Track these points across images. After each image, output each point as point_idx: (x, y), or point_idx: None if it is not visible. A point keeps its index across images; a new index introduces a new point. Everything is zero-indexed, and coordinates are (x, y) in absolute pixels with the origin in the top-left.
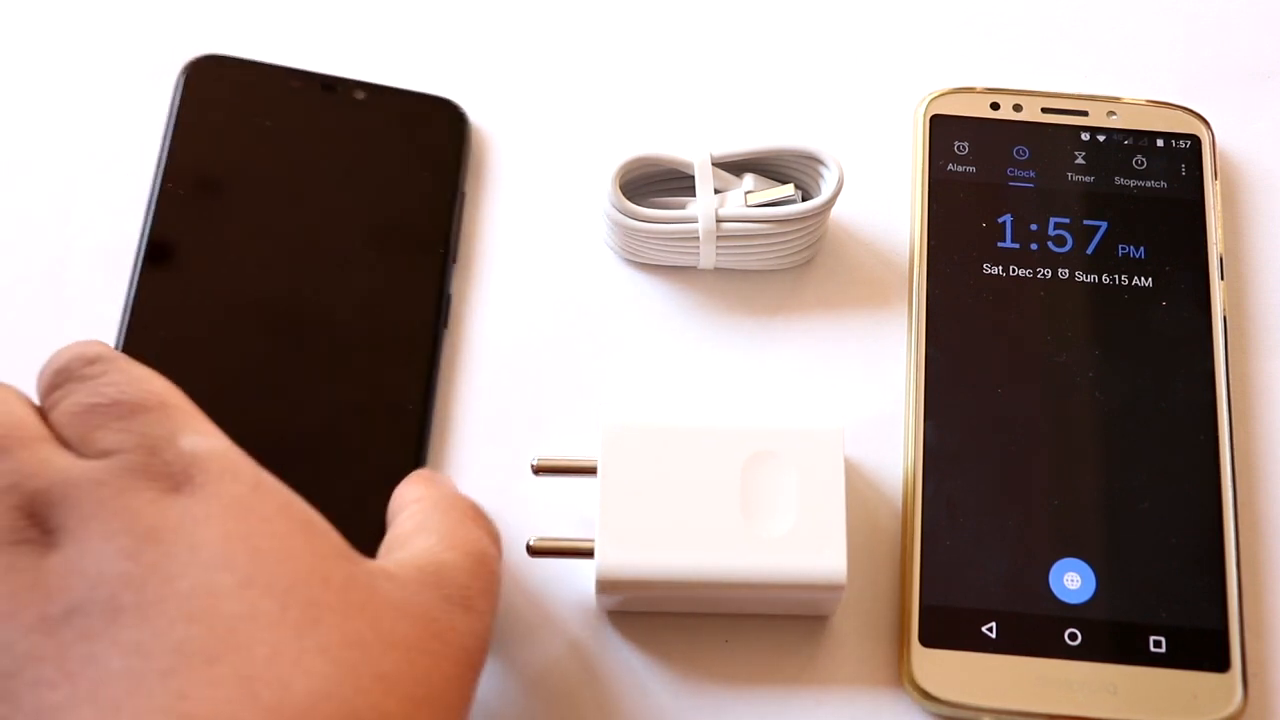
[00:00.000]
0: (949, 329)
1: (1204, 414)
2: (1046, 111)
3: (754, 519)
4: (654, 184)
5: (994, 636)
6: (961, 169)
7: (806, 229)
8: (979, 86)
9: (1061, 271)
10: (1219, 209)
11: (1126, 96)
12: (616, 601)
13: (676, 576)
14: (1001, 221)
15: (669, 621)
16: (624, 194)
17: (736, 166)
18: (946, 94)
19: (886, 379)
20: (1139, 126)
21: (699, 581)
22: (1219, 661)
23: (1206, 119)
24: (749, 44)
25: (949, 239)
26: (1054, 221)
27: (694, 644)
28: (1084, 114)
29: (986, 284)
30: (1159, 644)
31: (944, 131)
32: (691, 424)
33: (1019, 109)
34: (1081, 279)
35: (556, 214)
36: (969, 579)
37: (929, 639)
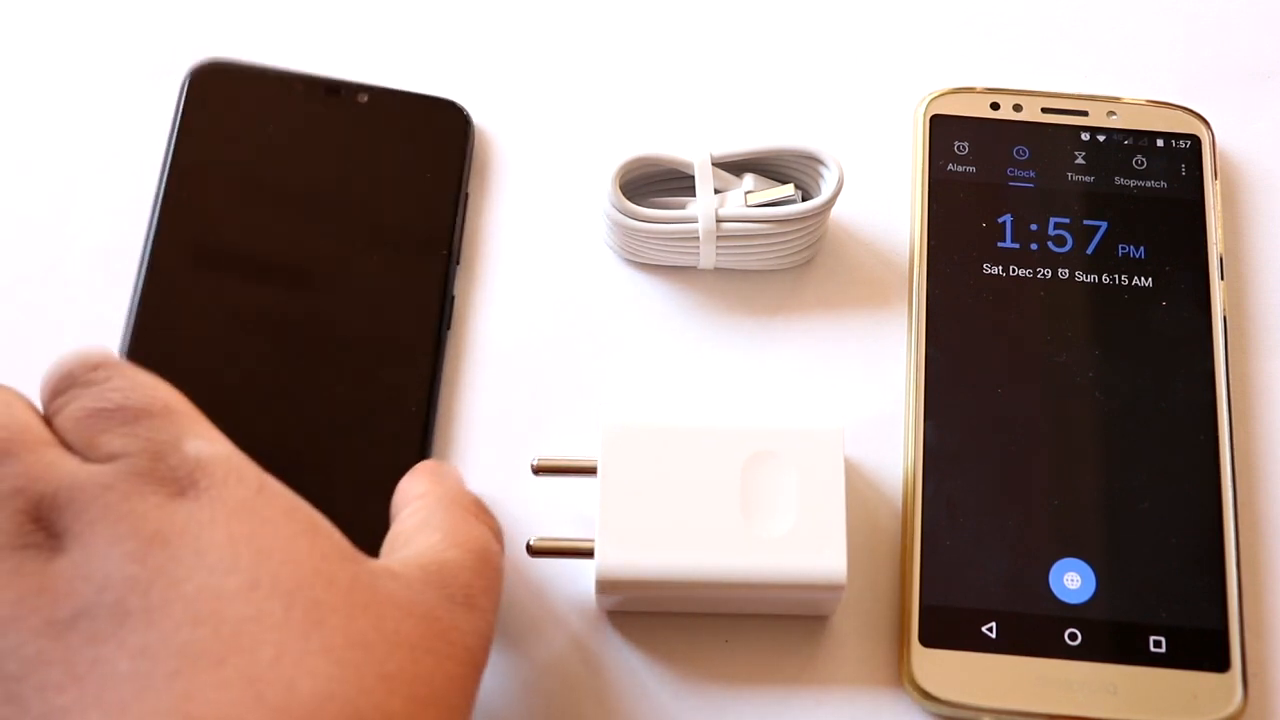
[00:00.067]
0: (949, 329)
1: (1204, 414)
2: (1046, 111)
3: (754, 519)
4: (654, 184)
5: (994, 636)
6: (961, 169)
7: (806, 229)
8: (979, 86)
9: (1061, 271)
10: (1219, 209)
11: (1126, 96)
12: (616, 601)
13: (676, 576)
14: (1001, 221)
15: (669, 621)
16: (624, 194)
17: (736, 166)
18: (946, 94)
19: (886, 379)
20: (1139, 126)
21: (699, 581)
22: (1219, 661)
23: (1206, 119)
24: (749, 44)
25: (949, 239)
26: (1054, 221)
27: (694, 644)
28: (1084, 114)
29: (986, 284)
30: (1159, 644)
31: (944, 131)
32: (691, 424)
33: (1019, 109)
34: (1081, 279)
35: (557, 214)
36: (969, 579)
37: (929, 639)
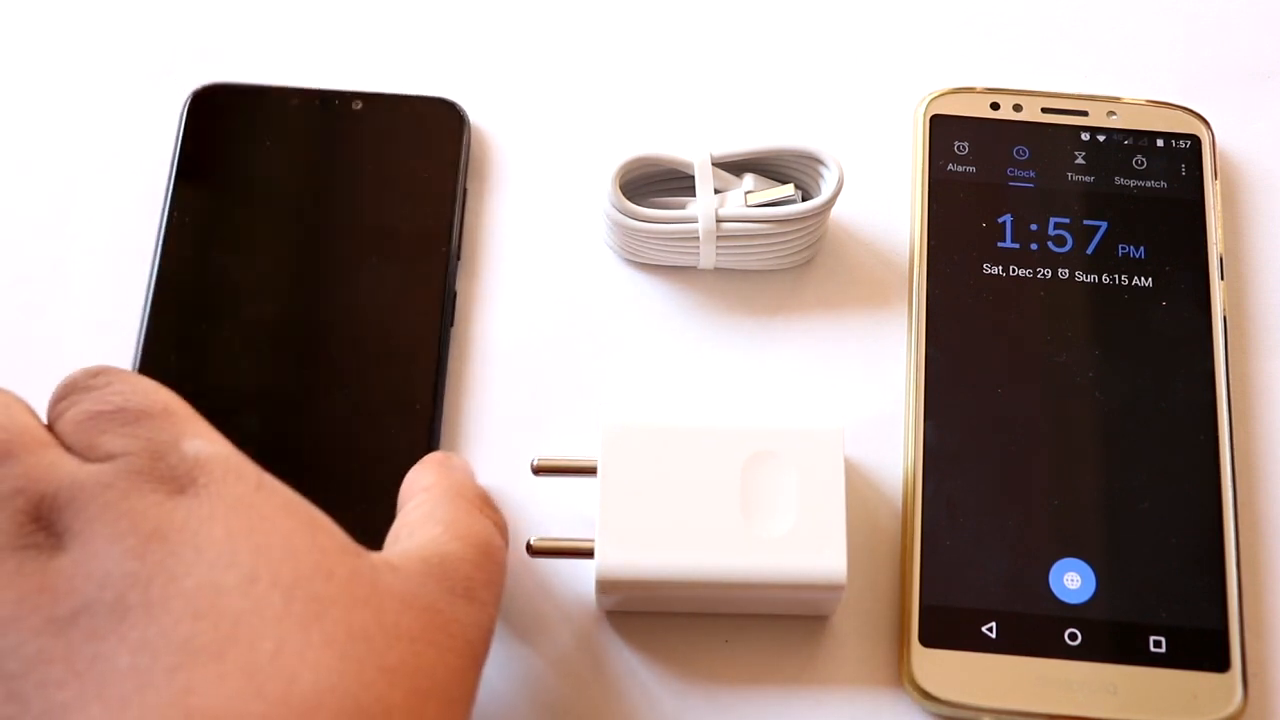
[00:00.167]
0: (949, 329)
1: (1204, 414)
2: (1046, 111)
3: (754, 519)
4: (654, 184)
5: (994, 636)
6: (961, 169)
7: (806, 229)
8: (979, 86)
9: (1061, 271)
10: (1219, 209)
11: (1126, 96)
12: (616, 601)
13: (676, 576)
14: (1001, 221)
15: (669, 621)
16: (624, 194)
17: (736, 166)
18: (946, 94)
19: (886, 379)
20: (1139, 126)
21: (699, 581)
22: (1219, 661)
23: (1206, 119)
24: (749, 44)
25: (949, 239)
26: (1054, 221)
27: (694, 644)
28: (1084, 114)
29: (986, 284)
30: (1159, 644)
31: (944, 131)
32: (691, 424)
33: (1019, 109)
34: (1081, 279)
35: (557, 214)
36: (969, 579)
37: (929, 639)
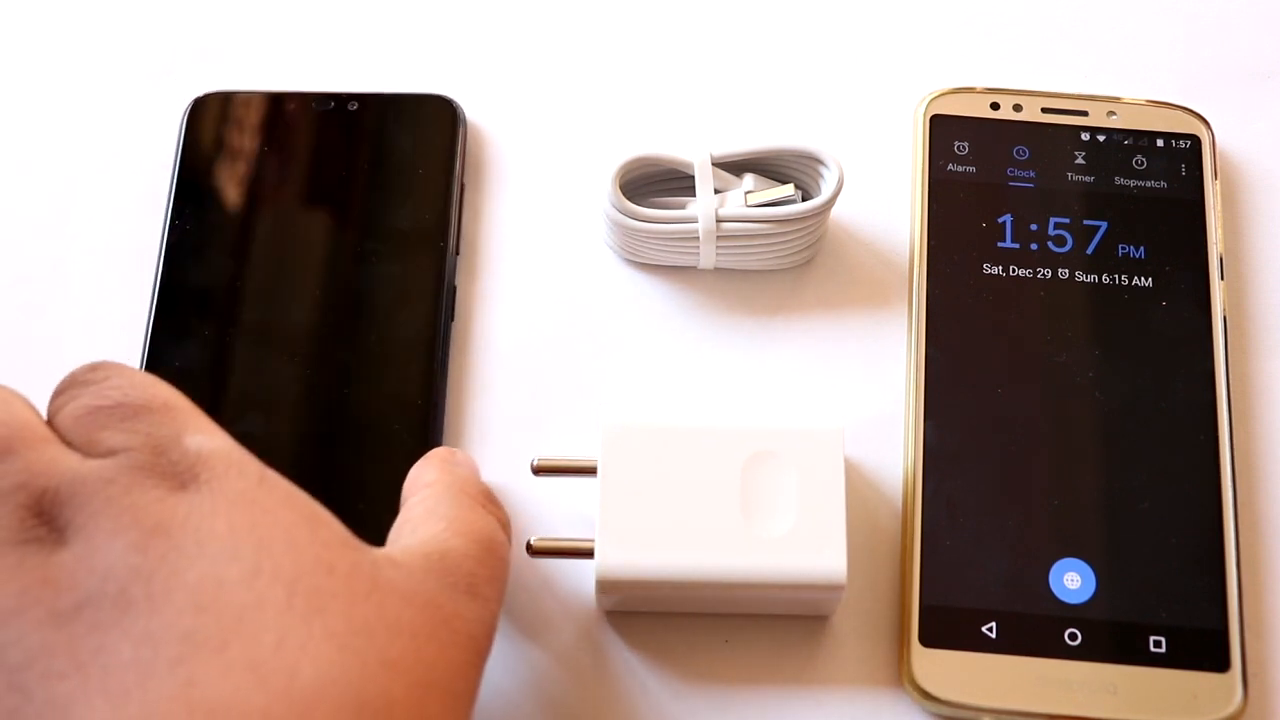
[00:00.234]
0: (949, 329)
1: (1204, 414)
2: (1046, 111)
3: (754, 519)
4: (654, 184)
5: (994, 636)
6: (961, 169)
7: (806, 229)
8: (979, 86)
9: (1061, 271)
10: (1219, 209)
11: (1126, 96)
12: (616, 601)
13: (676, 576)
14: (1001, 221)
15: (669, 621)
16: (624, 194)
17: (736, 166)
18: (946, 94)
19: (886, 379)
20: (1139, 126)
21: (699, 581)
22: (1219, 661)
23: (1206, 119)
24: (749, 44)
25: (949, 239)
26: (1054, 221)
27: (694, 644)
28: (1084, 114)
29: (986, 284)
30: (1159, 644)
31: (944, 131)
32: (691, 424)
33: (1019, 109)
34: (1081, 279)
35: (557, 214)
36: (969, 579)
37: (929, 639)
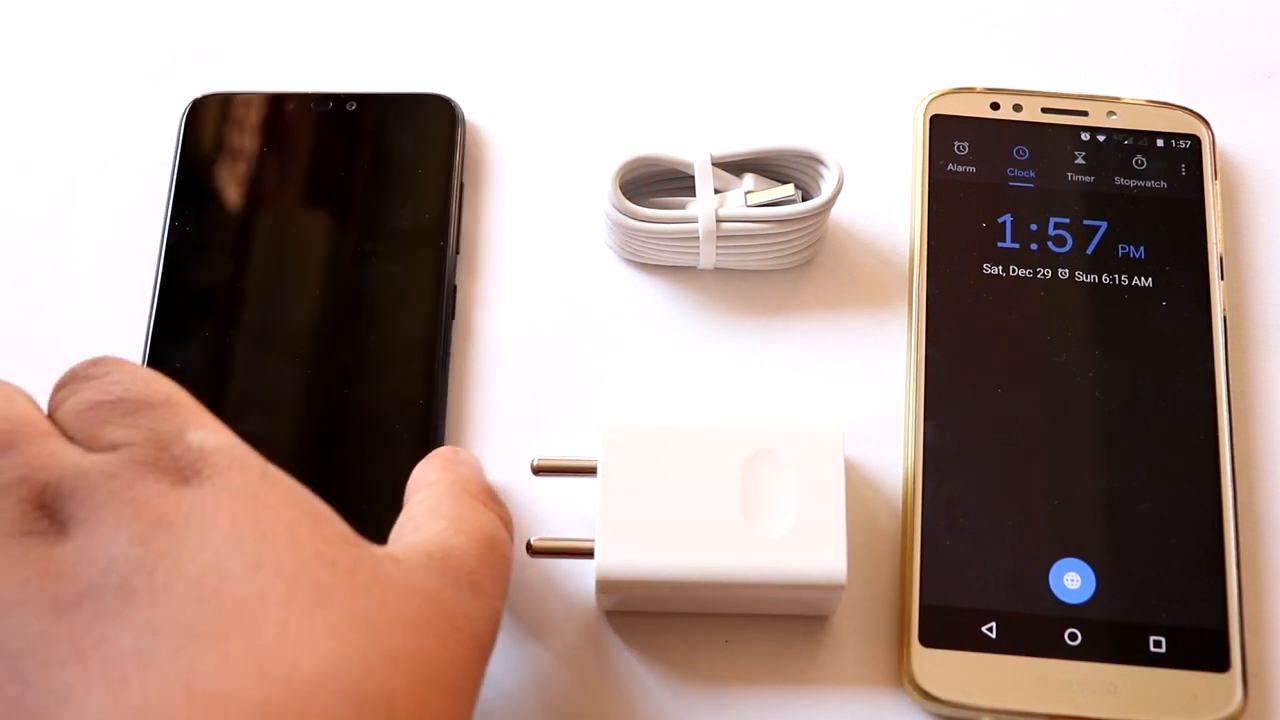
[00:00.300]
0: (949, 329)
1: (1204, 414)
2: (1046, 111)
3: (754, 519)
4: (654, 184)
5: (994, 636)
6: (961, 169)
7: (806, 229)
8: (979, 86)
9: (1061, 271)
10: (1219, 209)
11: (1126, 96)
12: (616, 601)
13: (676, 576)
14: (1001, 221)
15: (669, 621)
16: (624, 194)
17: (736, 166)
18: (946, 94)
19: (886, 379)
20: (1139, 126)
21: (699, 581)
22: (1219, 661)
23: (1206, 119)
24: (749, 44)
25: (949, 239)
26: (1054, 221)
27: (694, 644)
28: (1084, 114)
29: (986, 284)
30: (1159, 644)
31: (944, 131)
32: (691, 424)
33: (1019, 109)
34: (1081, 279)
35: (556, 214)
36: (969, 579)
37: (929, 639)
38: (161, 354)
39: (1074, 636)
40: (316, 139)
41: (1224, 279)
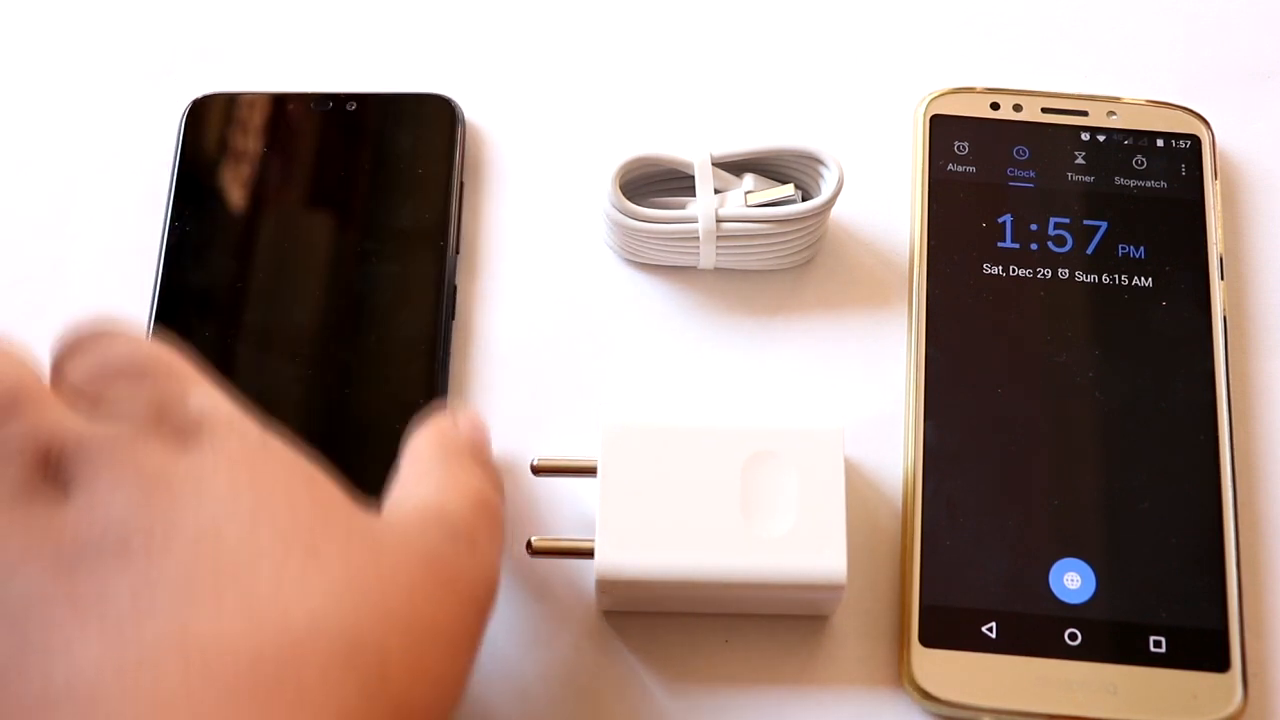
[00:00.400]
0: (949, 329)
1: (1204, 414)
2: (1046, 111)
3: (754, 519)
4: (654, 184)
5: (994, 636)
6: (961, 169)
7: (806, 229)
8: (979, 86)
9: (1061, 271)
10: (1219, 209)
11: (1126, 96)
12: (616, 601)
13: (676, 576)
14: (1001, 221)
15: (669, 621)
16: (624, 194)
17: (736, 166)
18: (946, 94)
19: (886, 379)
20: (1139, 126)
21: (699, 581)
22: (1219, 661)
23: (1206, 119)
24: (749, 44)
25: (949, 239)
26: (1054, 221)
27: (694, 644)
28: (1084, 114)
29: (986, 284)
30: (1159, 644)
31: (944, 131)
32: (691, 424)
33: (1019, 109)
34: (1081, 279)
35: (556, 214)
36: (969, 579)
37: (929, 639)
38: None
39: (1074, 636)
40: (317, 139)
41: (1224, 279)
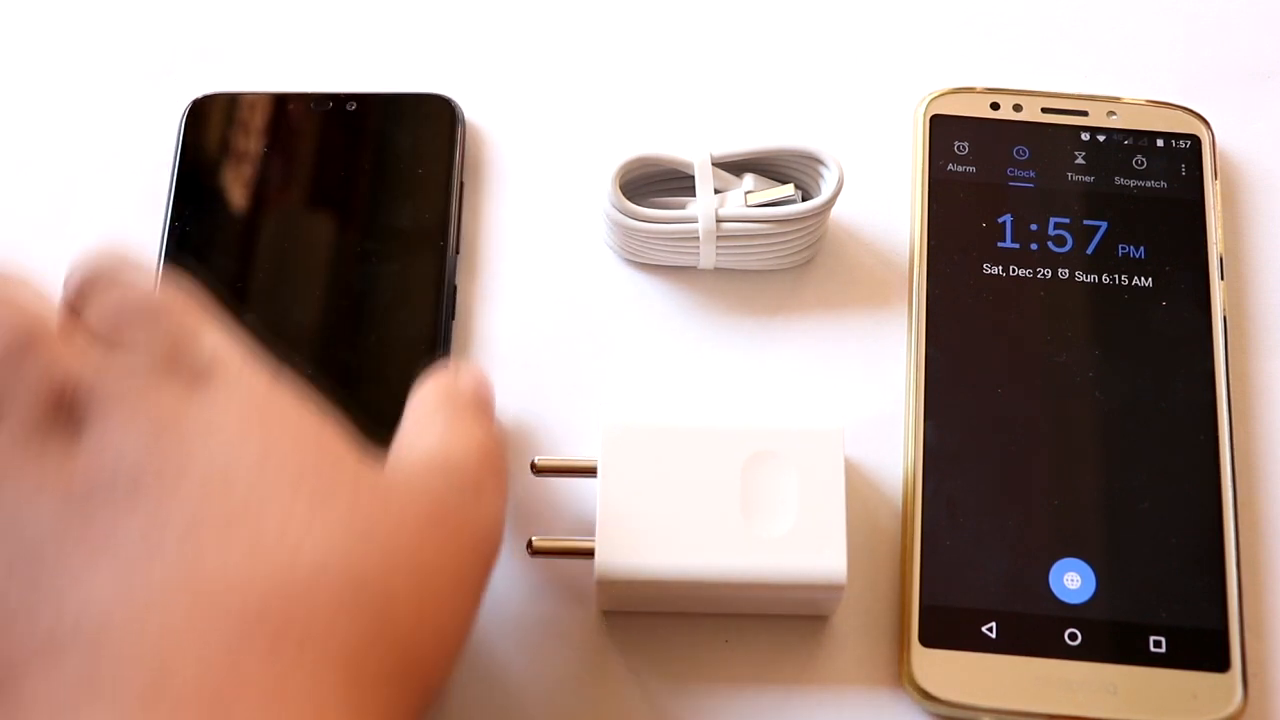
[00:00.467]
0: (949, 329)
1: (1204, 414)
2: (1046, 111)
3: (754, 519)
4: (654, 184)
5: (994, 636)
6: (961, 169)
7: (806, 229)
8: (979, 86)
9: (1061, 271)
10: (1219, 209)
11: (1126, 96)
12: (616, 601)
13: (676, 576)
14: (1001, 221)
15: (669, 621)
16: (624, 194)
17: (736, 166)
18: (946, 94)
19: (886, 379)
20: (1139, 126)
21: (699, 581)
22: (1219, 661)
23: (1206, 119)
24: (749, 44)
25: (949, 239)
26: (1054, 221)
27: (694, 644)
28: (1084, 114)
29: (986, 284)
30: (1159, 644)
31: (944, 131)
32: (691, 424)
33: (1019, 109)
34: (1081, 279)
35: (556, 214)
36: (969, 579)
37: (929, 639)
38: None
39: (1074, 636)
40: (317, 139)
41: (1224, 279)
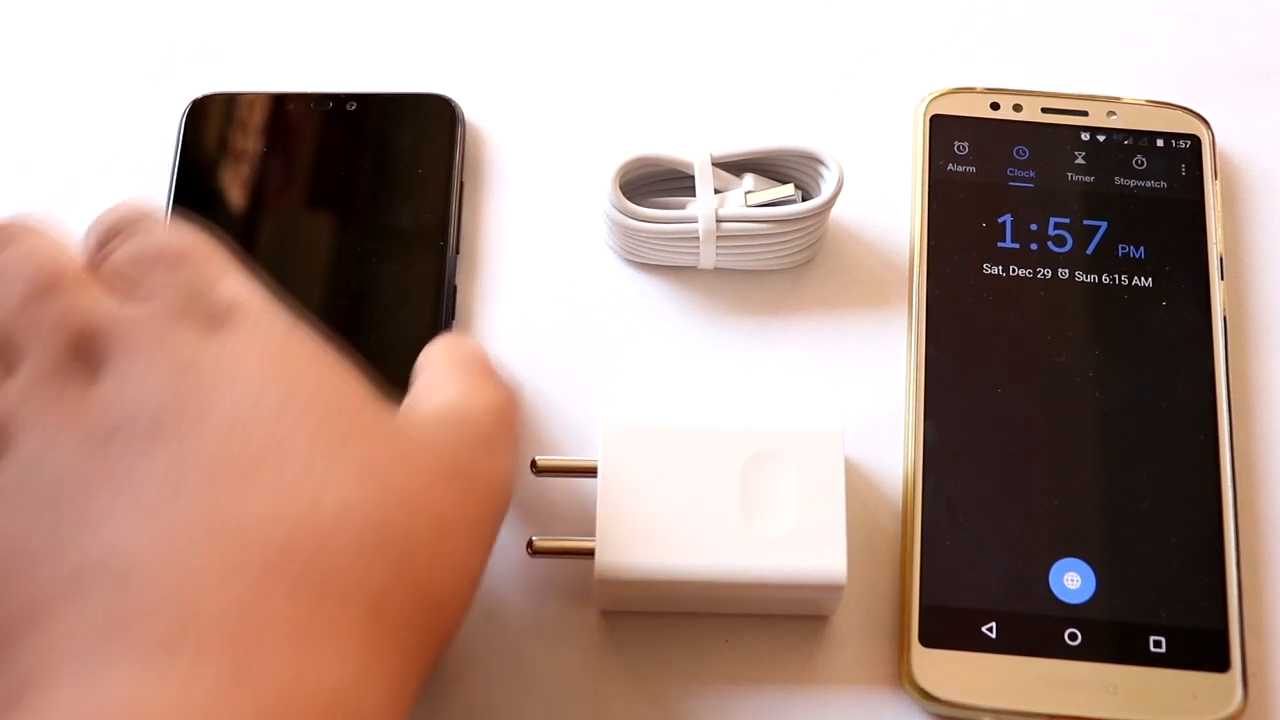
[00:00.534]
0: (949, 329)
1: (1204, 414)
2: (1046, 111)
3: (754, 519)
4: (654, 184)
5: (994, 636)
6: (961, 169)
7: (806, 229)
8: (979, 86)
9: (1061, 271)
10: (1219, 209)
11: (1126, 96)
12: (616, 601)
13: (676, 576)
14: (1001, 221)
15: (669, 621)
16: (624, 194)
17: (736, 166)
18: (946, 94)
19: (886, 379)
20: (1139, 126)
21: (699, 581)
22: (1219, 661)
23: (1206, 119)
24: (749, 44)
25: (949, 239)
26: (1054, 221)
27: (694, 644)
28: (1084, 114)
29: (986, 284)
30: (1159, 644)
31: (944, 131)
32: (691, 424)
33: (1019, 109)
34: (1081, 279)
35: (556, 214)
36: (969, 579)
37: (929, 639)
38: None
39: (1074, 636)
40: (317, 139)
41: (1224, 279)
